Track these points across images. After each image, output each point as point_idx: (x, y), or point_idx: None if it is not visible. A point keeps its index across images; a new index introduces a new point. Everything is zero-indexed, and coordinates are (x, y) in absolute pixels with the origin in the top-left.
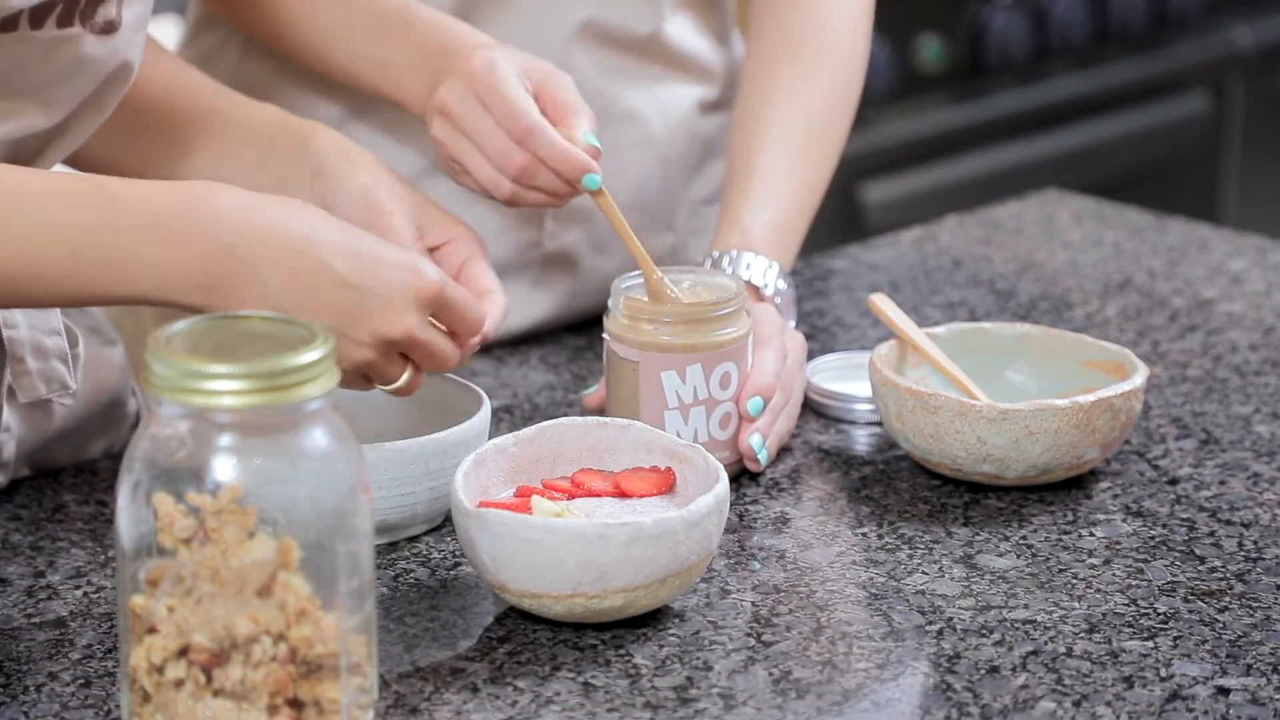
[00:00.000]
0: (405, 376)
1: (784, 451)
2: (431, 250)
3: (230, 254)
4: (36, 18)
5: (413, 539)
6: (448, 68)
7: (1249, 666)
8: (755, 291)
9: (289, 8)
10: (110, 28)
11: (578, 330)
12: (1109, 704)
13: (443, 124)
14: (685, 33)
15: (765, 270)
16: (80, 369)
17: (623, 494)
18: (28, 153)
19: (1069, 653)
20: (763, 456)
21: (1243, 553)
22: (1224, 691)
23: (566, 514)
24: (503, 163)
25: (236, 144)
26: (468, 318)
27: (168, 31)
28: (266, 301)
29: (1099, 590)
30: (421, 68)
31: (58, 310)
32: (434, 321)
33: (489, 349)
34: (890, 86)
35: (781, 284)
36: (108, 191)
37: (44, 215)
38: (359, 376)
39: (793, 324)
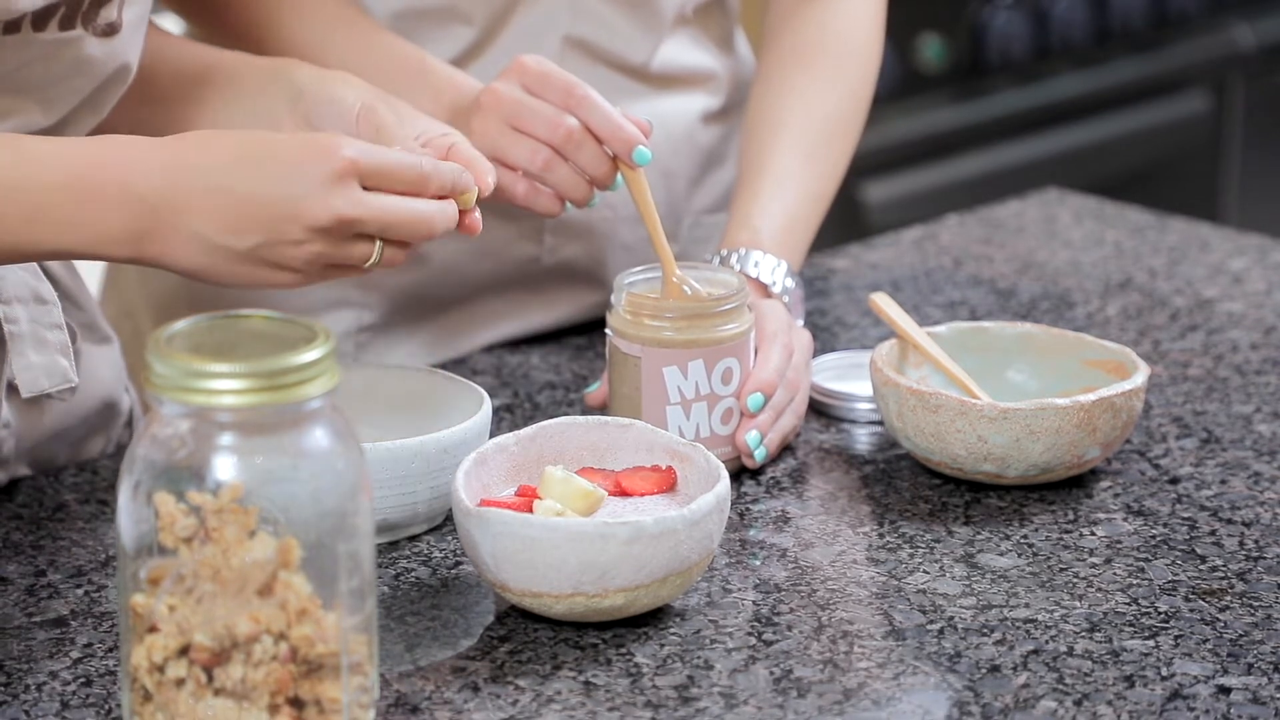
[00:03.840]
0: (375, 252)
1: (785, 450)
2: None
3: (148, 204)
4: (39, 20)
5: (413, 538)
6: (462, 107)
7: (1250, 665)
8: (763, 289)
9: (296, 40)
10: (111, 30)
11: (579, 330)
12: (1110, 703)
13: (484, 117)
14: (684, 49)
15: (774, 268)
16: (78, 367)
17: (624, 493)
18: None
19: (1070, 652)
20: (759, 454)
21: (1244, 552)
22: (1225, 691)
23: (567, 513)
24: (549, 130)
25: (224, 98)
26: (404, 175)
27: (169, 29)
28: (197, 241)
29: (1100, 589)
30: (435, 110)
31: (58, 306)
32: (377, 189)
33: (489, 348)
34: (891, 86)
35: (789, 282)
36: (21, 150)
37: None
38: (327, 269)
39: (800, 323)
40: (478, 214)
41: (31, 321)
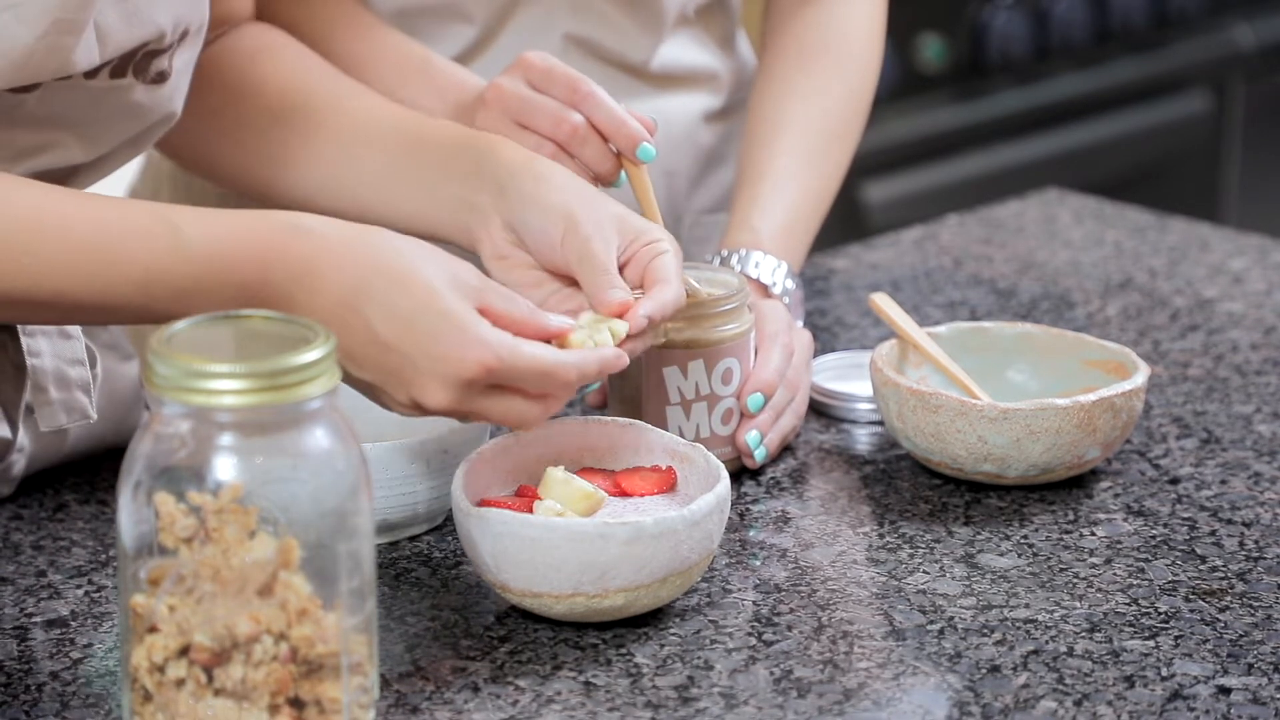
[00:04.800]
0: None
1: (785, 451)
2: (624, 265)
3: (289, 301)
4: (91, 70)
5: (413, 538)
6: (466, 104)
7: (1250, 666)
8: (763, 289)
9: (301, 37)
10: (161, 78)
11: None
12: (1110, 703)
13: (489, 112)
14: (685, 49)
15: (774, 269)
16: (98, 389)
17: (624, 493)
18: (53, 179)
19: (1070, 652)
20: (759, 454)
21: (1244, 552)
22: (1225, 691)
23: (567, 514)
24: (553, 126)
25: (428, 181)
26: (536, 382)
27: None
28: None
29: (1100, 589)
30: (439, 107)
31: (82, 341)
32: (502, 386)
33: None
34: (891, 86)
35: (790, 283)
36: (177, 233)
37: (119, 253)
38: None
39: (800, 324)
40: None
41: (54, 356)
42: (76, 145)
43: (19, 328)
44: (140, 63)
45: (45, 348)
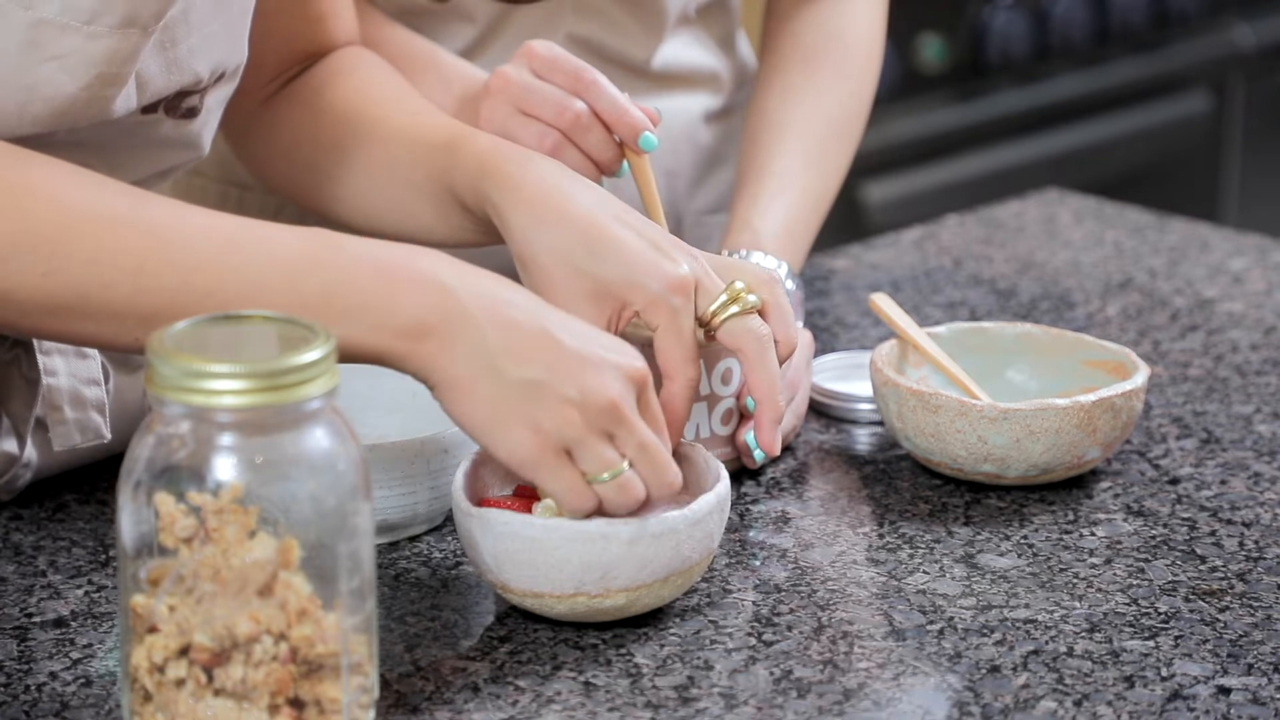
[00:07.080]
0: (614, 470)
1: (785, 451)
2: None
3: (451, 297)
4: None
5: (414, 538)
6: (470, 96)
7: (1250, 666)
8: None
9: None
10: (191, 113)
11: None
12: (1110, 703)
13: (493, 100)
14: (687, 49)
15: (774, 269)
16: (110, 405)
17: None
18: None
19: (1070, 652)
20: (759, 454)
21: (1244, 552)
22: (1225, 691)
23: (565, 514)
24: (556, 114)
25: (448, 211)
26: (665, 422)
27: None
28: (479, 348)
29: (1100, 590)
30: (446, 99)
31: (98, 360)
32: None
33: None
34: (891, 86)
35: (790, 284)
36: (332, 239)
37: (269, 258)
38: (561, 455)
39: (800, 324)
40: None
41: (70, 375)
42: (105, 172)
43: (36, 345)
44: (172, 101)
45: (61, 367)
